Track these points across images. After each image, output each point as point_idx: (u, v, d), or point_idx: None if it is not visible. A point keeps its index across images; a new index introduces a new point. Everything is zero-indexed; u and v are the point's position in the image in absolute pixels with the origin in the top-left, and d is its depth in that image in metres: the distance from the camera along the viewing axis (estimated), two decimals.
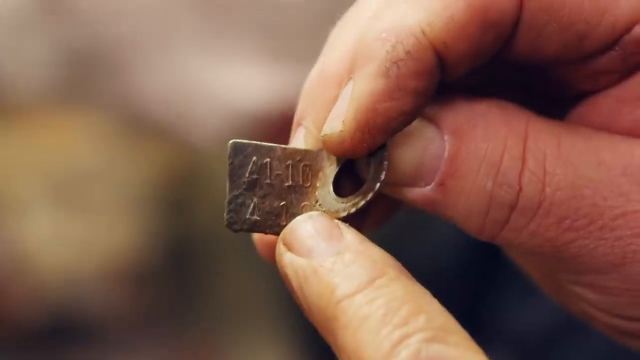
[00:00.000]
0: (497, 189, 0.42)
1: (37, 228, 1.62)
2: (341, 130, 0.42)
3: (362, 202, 0.43)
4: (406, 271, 0.41)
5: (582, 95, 0.44)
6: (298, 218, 0.42)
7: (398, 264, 0.41)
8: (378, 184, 0.43)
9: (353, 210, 0.43)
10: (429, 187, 0.43)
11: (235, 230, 0.43)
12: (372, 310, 0.38)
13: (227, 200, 0.43)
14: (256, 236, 0.47)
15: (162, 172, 1.68)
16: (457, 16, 0.40)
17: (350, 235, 0.41)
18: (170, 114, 1.26)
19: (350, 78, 0.42)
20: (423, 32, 0.40)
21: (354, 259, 0.40)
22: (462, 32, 0.40)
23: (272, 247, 0.44)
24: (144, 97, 1.28)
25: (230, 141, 0.44)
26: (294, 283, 0.41)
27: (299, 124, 0.46)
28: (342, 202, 0.44)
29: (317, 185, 0.44)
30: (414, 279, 0.40)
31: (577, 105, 0.44)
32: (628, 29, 0.41)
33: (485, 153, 0.42)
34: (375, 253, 0.41)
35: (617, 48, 0.42)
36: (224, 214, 0.43)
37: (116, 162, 1.69)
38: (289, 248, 0.41)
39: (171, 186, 1.66)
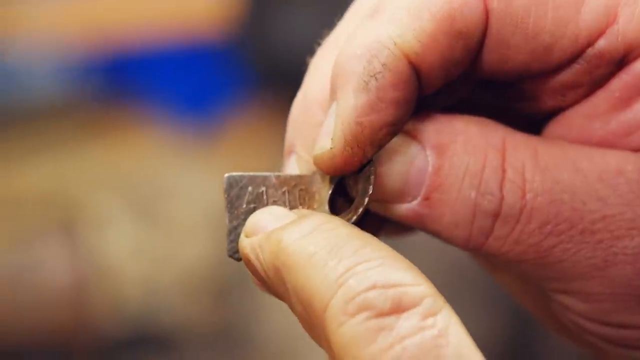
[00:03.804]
0: (480, 198, 0.43)
1: (118, 241, 1.67)
2: (331, 148, 0.43)
3: (354, 217, 0.44)
4: None
5: (551, 115, 0.45)
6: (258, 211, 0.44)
7: None
8: (367, 198, 0.44)
9: None
10: (415, 202, 0.44)
11: (238, 259, 0.44)
12: (318, 248, 0.39)
13: (227, 231, 0.44)
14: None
15: None
16: (424, 26, 0.42)
17: (305, 212, 0.43)
18: None
19: (334, 99, 0.43)
20: (395, 44, 0.42)
21: (304, 219, 0.41)
22: (432, 41, 0.42)
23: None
24: None
25: (225, 175, 0.45)
26: (252, 258, 0.42)
27: (290, 152, 0.47)
28: None
29: (315, 207, 0.45)
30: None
31: (548, 124, 0.45)
32: (591, 42, 0.42)
33: (467, 165, 0.43)
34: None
35: (582, 61, 0.43)
36: (226, 245, 0.44)
37: (193, 178, 1.73)
38: (248, 235, 0.43)
39: None
